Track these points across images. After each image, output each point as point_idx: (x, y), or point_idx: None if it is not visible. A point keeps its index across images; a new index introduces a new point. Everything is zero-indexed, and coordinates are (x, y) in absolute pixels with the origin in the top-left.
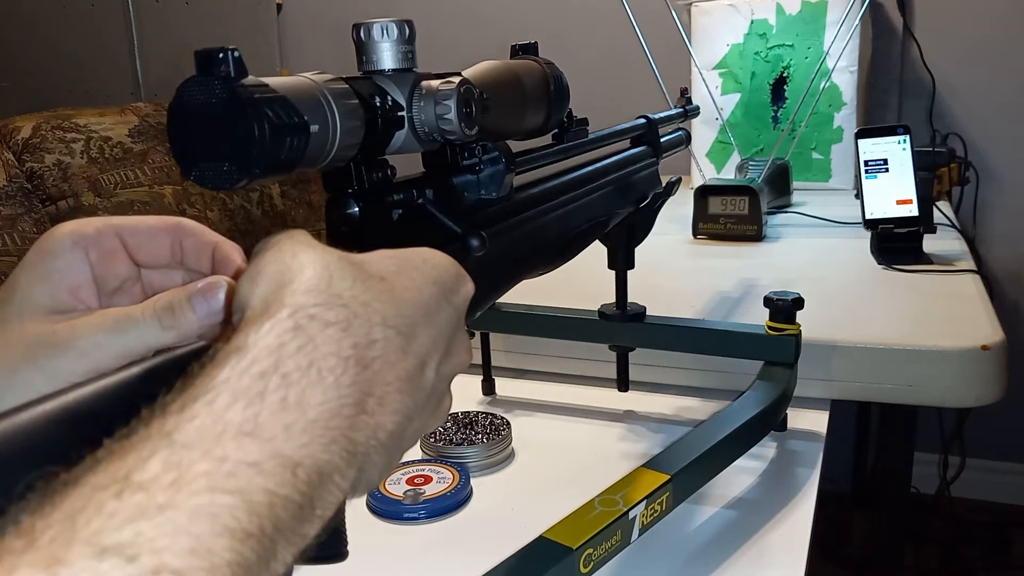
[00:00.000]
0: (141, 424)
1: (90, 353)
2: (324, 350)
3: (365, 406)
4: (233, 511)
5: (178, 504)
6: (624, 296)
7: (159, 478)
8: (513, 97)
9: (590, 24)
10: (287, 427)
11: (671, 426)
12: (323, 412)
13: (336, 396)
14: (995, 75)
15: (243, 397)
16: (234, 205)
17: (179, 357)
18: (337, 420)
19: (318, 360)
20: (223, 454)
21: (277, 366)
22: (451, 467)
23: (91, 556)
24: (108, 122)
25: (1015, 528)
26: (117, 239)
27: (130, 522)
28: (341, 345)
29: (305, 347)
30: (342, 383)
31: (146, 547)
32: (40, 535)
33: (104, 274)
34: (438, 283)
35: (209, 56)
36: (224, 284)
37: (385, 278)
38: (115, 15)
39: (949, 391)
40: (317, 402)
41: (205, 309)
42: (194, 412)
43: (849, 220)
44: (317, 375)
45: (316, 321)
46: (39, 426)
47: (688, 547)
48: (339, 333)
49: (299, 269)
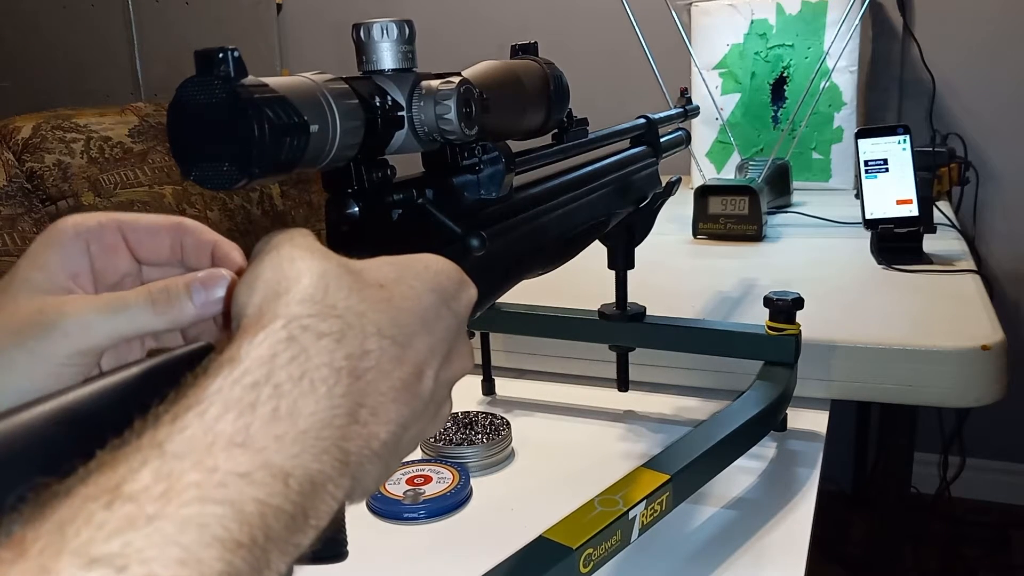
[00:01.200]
0: (133, 435)
1: (77, 334)
2: (317, 361)
3: (357, 416)
4: (223, 521)
5: (168, 515)
6: (624, 296)
7: (149, 489)
8: (513, 97)
9: (590, 24)
10: (278, 438)
11: (671, 426)
12: (315, 422)
13: (328, 407)
14: (995, 75)
15: (234, 408)
16: (234, 205)
17: (179, 357)
18: (329, 430)
19: (310, 371)
20: (213, 464)
21: (269, 377)
22: (451, 467)
23: (80, 567)
24: (108, 122)
25: (1015, 528)
26: (119, 233)
27: (119, 533)
28: (334, 356)
29: (298, 358)
30: (334, 394)
31: (134, 557)
32: (30, 546)
33: (104, 267)
34: (438, 290)
35: (209, 56)
36: (226, 277)
37: (384, 286)
38: (115, 15)
39: (949, 391)
40: (309, 412)
41: (202, 298)
42: (185, 423)
43: (849, 220)
44: (309, 386)
45: (309, 332)
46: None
47: (688, 547)
48: (332, 344)
49: (296, 278)
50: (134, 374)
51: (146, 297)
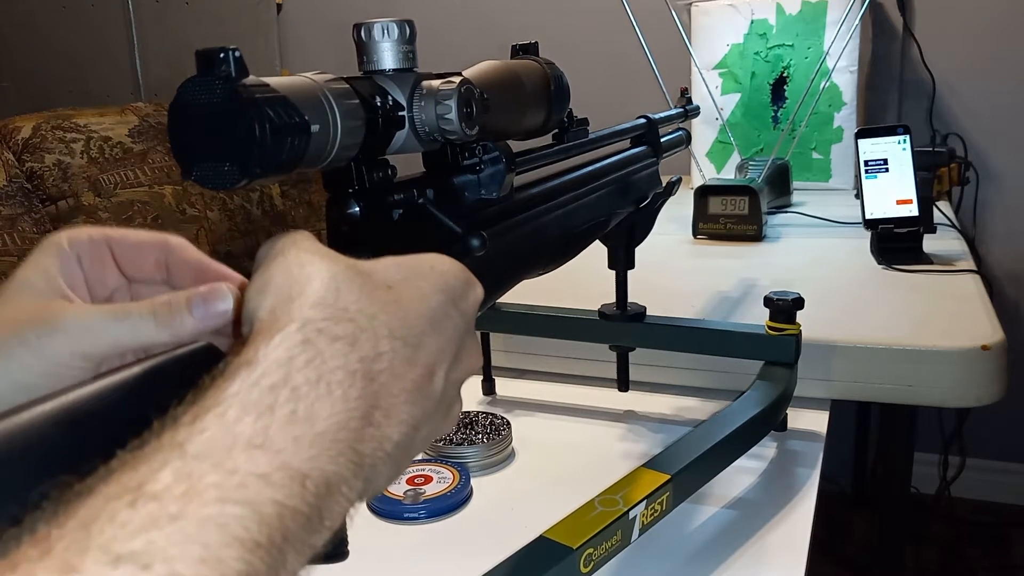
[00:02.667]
0: (153, 435)
1: (78, 335)
2: (332, 364)
3: (372, 418)
4: (243, 521)
5: (189, 514)
6: (624, 296)
7: (171, 488)
8: (513, 97)
9: (590, 24)
10: (296, 439)
11: (671, 426)
12: (331, 425)
13: (344, 409)
14: (995, 75)
15: (253, 410)
16: (234, 205)
17: (179, 357)
18: (344, 433)
19: (326, 374)
20: (233, 466)
21: (287, 379)
22: (451, 467)
23: (105, 563)
24: (108, 122)
25: (1015, 528)
26: (107, 248)
27: (143, 531)
28: (348, 359)
29: (314, 361)
30: (350, 396)
31: (158, 556)
32: (55, 543)
33: (94, 281)
34: (445, 290)
35: (210, 56)
36: (227, 293)
37: (392, 287)
38: (115, 15)
39: (949, 391)
40: (325, 415)
41: (202, 313)
42: (205, 424)
43: (849, 220)
44: (326, 389)
45: (324, 335)
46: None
47: (688, 547)
48: (346, 347)
49: (307, 281)
50: (134, 374)
51: (149, 308)
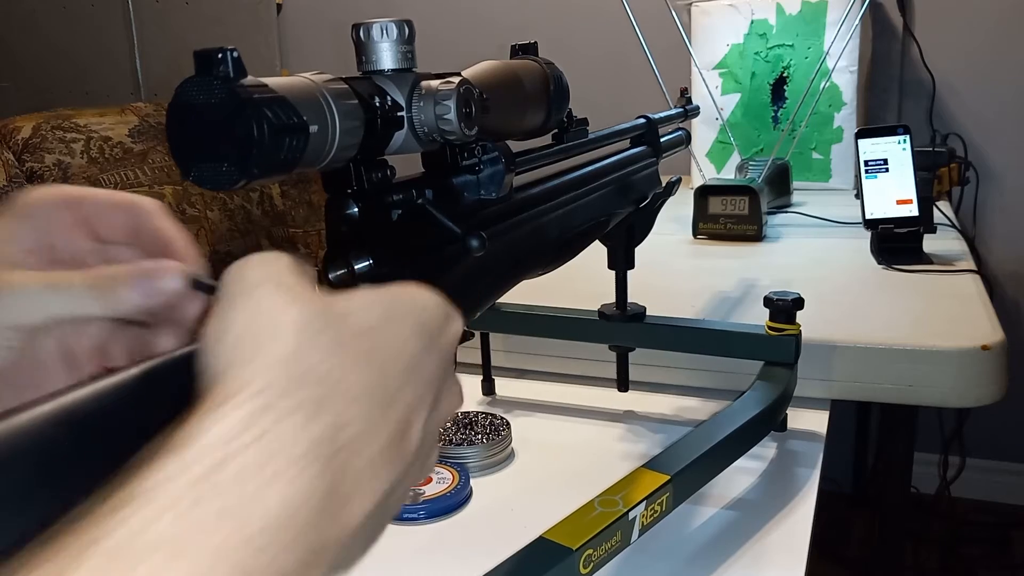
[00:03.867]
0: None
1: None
2: (285, 439)
3: (336, 495)
4: None
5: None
6: (624, 296)
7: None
8: (513, 97)
9: (590, 24)
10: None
11: (671, 426)
12: (278, 515)
13: (294, 493)
14: (995, 75)
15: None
16: (234, 205)
17: (178, 358)
18: (296, 521)
19: (277, 453)
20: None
21: (223, 465)
22: (451, 467)
23: None
24: (108, 122)
25: (1015, 528)
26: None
27: None
28: (309, 430)
29: (263, 438)
30: (306, 476)
31: None
32: None
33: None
34: (425, 329)
35: (208, 56)
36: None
37: (367, 333)
38: (115, 15)
39: (949, 391)
40: (270, 505)
41: (145, 290)
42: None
43: (849, 220)
44: (272, 473)
45: (280, 405)
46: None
47: (688, 547)
48: (305, 419)
49: (271, 336)
50: (133, 375)
51: (89, 280)
